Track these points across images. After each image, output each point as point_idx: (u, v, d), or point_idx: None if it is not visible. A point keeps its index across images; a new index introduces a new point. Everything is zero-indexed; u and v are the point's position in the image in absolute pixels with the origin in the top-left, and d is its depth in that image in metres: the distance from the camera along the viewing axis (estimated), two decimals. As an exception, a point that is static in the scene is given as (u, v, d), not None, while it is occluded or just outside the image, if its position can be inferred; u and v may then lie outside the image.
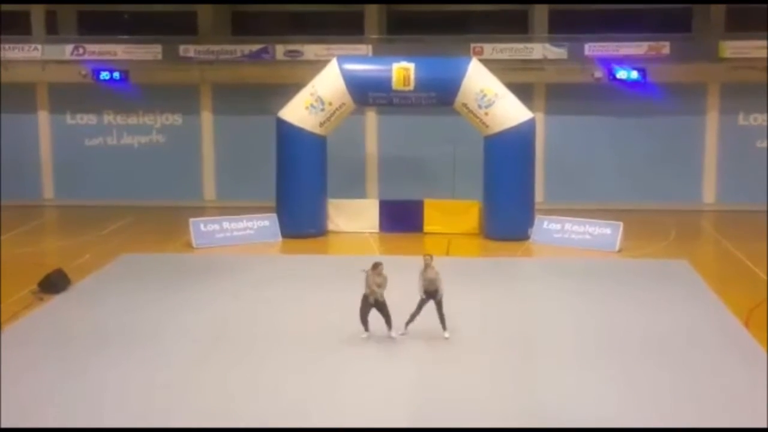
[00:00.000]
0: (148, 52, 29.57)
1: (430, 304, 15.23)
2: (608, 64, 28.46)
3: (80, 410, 12.22)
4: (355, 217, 25.41)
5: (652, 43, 28.50)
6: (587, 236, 23.42)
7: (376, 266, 15.11)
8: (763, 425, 11.72)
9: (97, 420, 11.86)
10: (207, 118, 30.79)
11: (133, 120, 30.94)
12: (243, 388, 13.06)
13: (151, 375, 13.55)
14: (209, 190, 30.98)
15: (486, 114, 23.90)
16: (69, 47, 29.78)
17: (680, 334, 15.68)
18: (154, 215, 28.03)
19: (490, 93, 23.86)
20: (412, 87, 23.96)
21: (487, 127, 24.10)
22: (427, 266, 15.31)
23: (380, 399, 12.65)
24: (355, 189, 28.35)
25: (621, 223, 23.14)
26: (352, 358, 14.39)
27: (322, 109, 24.18)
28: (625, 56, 28.47)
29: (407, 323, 15.28)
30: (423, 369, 13.95)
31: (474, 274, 20.24)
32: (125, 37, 30.27)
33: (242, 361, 14.20)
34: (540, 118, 28.05)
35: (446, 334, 15.27)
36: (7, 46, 29.52)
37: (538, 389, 13.01)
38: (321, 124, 24.36)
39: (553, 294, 18.47)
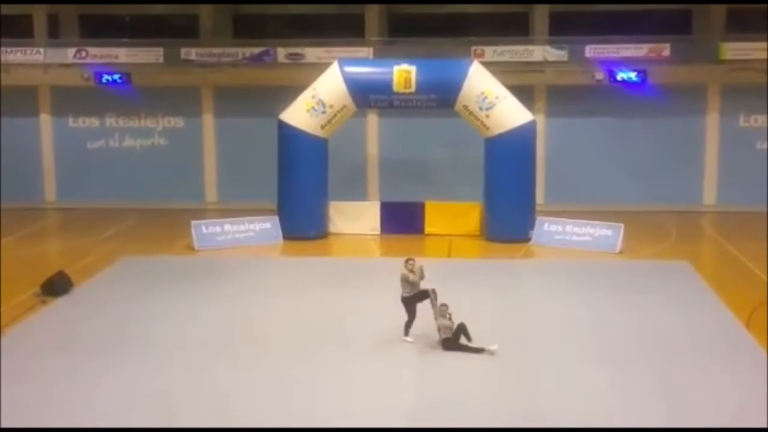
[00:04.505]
0: (150, 54, 29.64)
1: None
2: (609, 66, 28.54)
3: (81, 413, 12.25)
4: (356, 218, 25.43)
5: (652, 45, 28.57)
6: (588, 238, 23.45)
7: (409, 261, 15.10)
8: (763, 425, 11.76)
9: (98, 422, 11.89)
10: (208, 120, 30.86)
11: (134, 123, 31.04)
12: (244, 389, 13.08)
13: (153, 377, 13.58)
14: (211, 193, 31.04)
15: (487, 116, 23.92)
16: (71, 50, 29.89)
17: (681, 335, 15.71)
18: (155, 218, 28.06)
19: (491, 95, 23.89)
20: (413, 89, 23.99)
21: (487, 129, 24.14)
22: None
23: (381, 400, 12.68)
24: (356, 191, 28.39)
25: (622, 225, 23.16)
26: (354, 359, 14.40)
27: (323, 112, 24.23)
28: (626, 58, 28.55)
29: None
30: (423, 370, 13.97)
31: (475, 275, 20.23)
32: (127, 40, 30.37)
33: (243, 363, 14.22)
34: (541, 120, 28.10)
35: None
36: (9, 49, 29.64)
37: (539, 389, 13.03)
38: (322, 127, 24.41)
39: (554, 295, 18.48)
